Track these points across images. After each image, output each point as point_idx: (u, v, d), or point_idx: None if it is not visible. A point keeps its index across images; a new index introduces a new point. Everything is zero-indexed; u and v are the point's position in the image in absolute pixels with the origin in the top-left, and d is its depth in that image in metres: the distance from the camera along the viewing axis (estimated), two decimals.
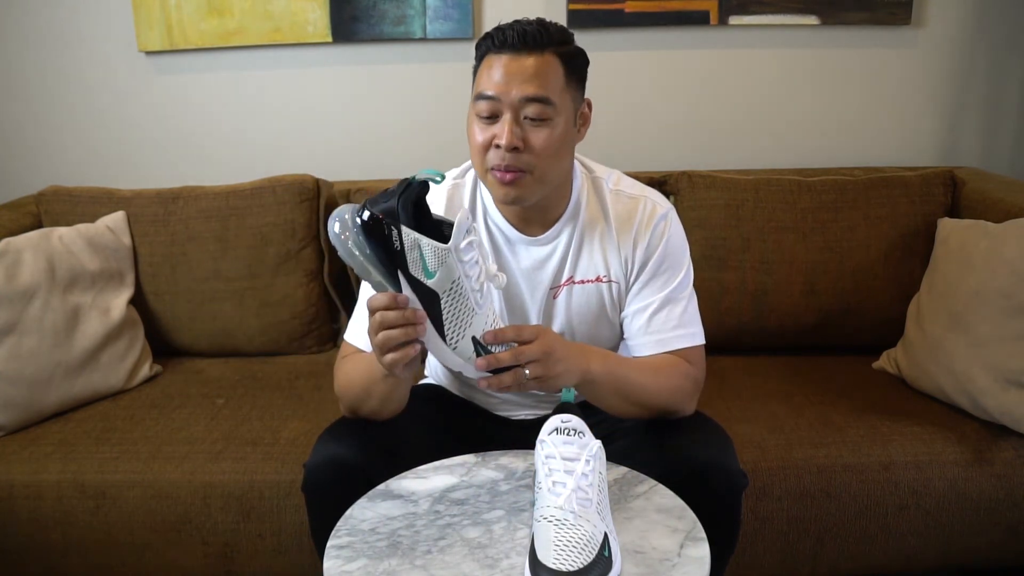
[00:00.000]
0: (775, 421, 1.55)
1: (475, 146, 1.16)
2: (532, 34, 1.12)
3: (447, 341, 1.01)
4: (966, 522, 1.47)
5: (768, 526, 1.46)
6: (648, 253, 1.24)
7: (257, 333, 1.90)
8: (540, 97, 1.12)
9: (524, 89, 1.11)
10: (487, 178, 1.17)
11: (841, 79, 2.11)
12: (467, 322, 1.00)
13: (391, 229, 0.97)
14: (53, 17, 2.08)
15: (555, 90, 1.13)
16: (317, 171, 1.96)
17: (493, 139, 1.13)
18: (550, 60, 1.13)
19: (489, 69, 1.13)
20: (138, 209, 1.89)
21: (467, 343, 1.01)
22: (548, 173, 1.16)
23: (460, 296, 0.99)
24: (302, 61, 2.11)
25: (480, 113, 1.14)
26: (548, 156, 1.14)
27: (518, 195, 1.16)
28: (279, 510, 1.45)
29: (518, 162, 1.13)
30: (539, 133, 1.13)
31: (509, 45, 1.12)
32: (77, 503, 1.46)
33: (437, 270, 0.97)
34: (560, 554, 0.88)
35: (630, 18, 2.05)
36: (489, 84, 1.13)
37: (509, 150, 1.12)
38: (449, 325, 1.00)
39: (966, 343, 1.54)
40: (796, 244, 1.81)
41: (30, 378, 1.60)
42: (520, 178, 1.14)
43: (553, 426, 0.99)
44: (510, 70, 1.12)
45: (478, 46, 1.17)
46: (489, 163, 1.15)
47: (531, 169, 1.14)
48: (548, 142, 1.13)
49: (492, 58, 1.13)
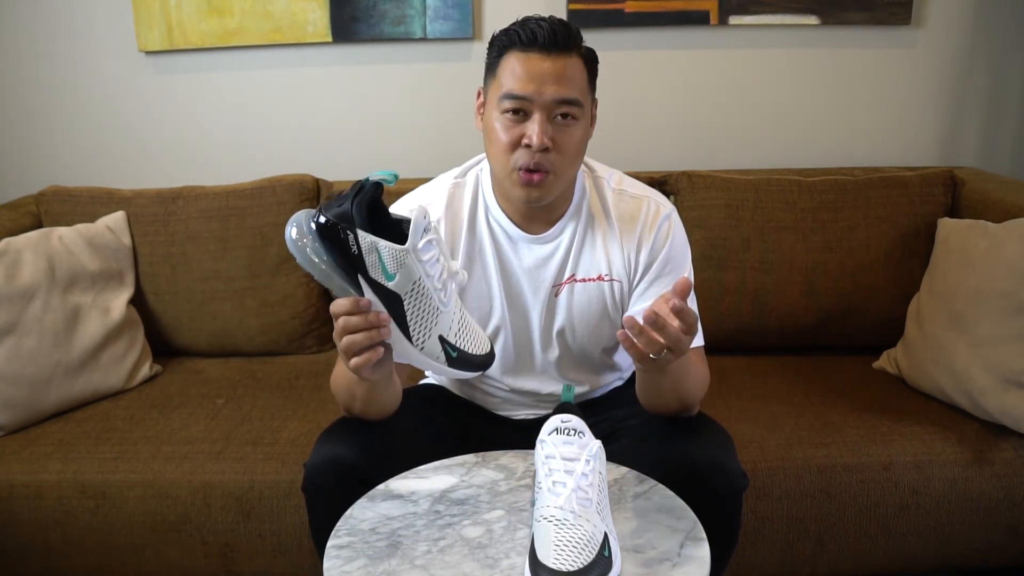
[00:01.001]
0: (775, 421, 1.55)
1: (500, 144, 1.15)
2: (562, 34, 1.11)
3: (413, 342, 0.99)
4: (966, 522, 1.47)
5: (768, 526, 1.46)
6: (653, 254, 1.24)
7: (257, 333, 1.90)
8: (572, 99, 1.12)
9: (559, 91, 1.11)
10: (511, 177, 1.16)
11: (841, 79, 2.11)
12: (432, 321, 0.99)
13: (347, 233, 0.95)
14: (53, 17, 2.08)
15: (582, 91, 1.14)
16: (317, 171, 1.96)
17: (521, 138, 1.13)
18: (576, 60, 1.14)
19: (517, 67, 1.12)
20: (138, 209, 1.89)
21: (434, 343, 1.00)
22: (568, 172, 1.17)
23: (423, 296, 0.97)
24: (302, 61, 2.11)
25: (506, 109, 1.13)
26: (572, 156, 1.15)
27: (541, 195, 1.16)
28: (279, 510, 1.45)
29: (546, 161, 1.13)
30: (568, 133, 1.14)
31: (539, 44, 1.11)
32: (77, 503, 1.46)
33: (396, 272, 0.96)
34: (560, 554, 0.88)
35: (630, 18, 2.05)
36: (518, 83, 1.12)
37: (540, 150, 1.12)
38: (414, 326, 0.99)
39: (966, 343, 1.54)
40: (796, 244, 1.81)
41: (30, 378, 1.60)
42: (545, 179, 1.14)
43: (553, 426, 0.99)
44: (542, 70, 1.11)
45: (495, 41, 1.16)
46: (515, 162, 1.14)
47: (556, 169, 1.14)
48: (575, 143, 1.15)
49: (519, 55, 1.12)
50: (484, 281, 1.26)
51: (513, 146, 1.14)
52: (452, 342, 1.00)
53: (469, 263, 1.25)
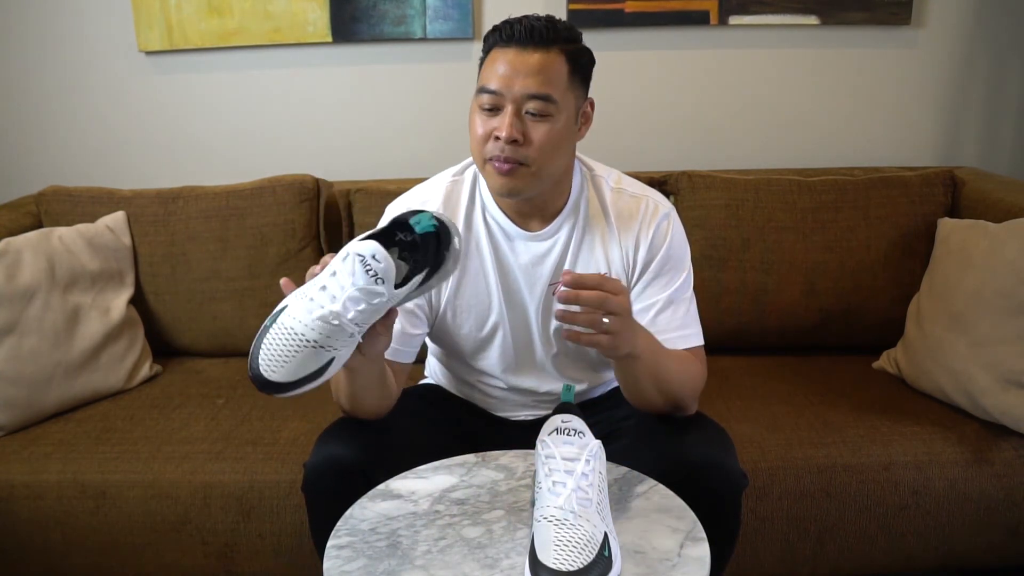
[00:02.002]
0: (775, 421, 1.55)
1: (475, 137, 1.16)
2: (539, 30, 1.12)
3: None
4: (966, 522, 1.47)
5: (768, 526, 1.46)
6: (651, 253, 1.24)
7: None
8: (541, 95, 1.12)
9: (527, 85, 1.12)
10: (485, 169, 1.18)
11: (841, 79, 2.11)
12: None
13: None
14: (53, 17, 2.08)
15: (558, 87, 1.14)
16: (317, 171, 1.96)
17: (493, 131, 1.14)
18: (555, 57, 1.13)
19: (494, 63, 1.14)
20: (138, 209, 1.89)
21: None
22: (545, 168, 1.17)
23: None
24: (302, 61, 2.11)
25: (482, 105, 1.15)
26: (547, 151, 1.15)
27: (514, 187, 1.16)
28: (279, 510, 1.45)
29: (516, 154, 1.14)
30: (539, 128, 1.14)
31: (516, 39, 1.13)
32: (77, 503, 1.46)
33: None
34: (560, 554, 0.88)
35: (630, 18, 2.05)
36: (492, 78, 1.13)
37: (508, 143, 1.12)
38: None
39: (966, 343, 1.54)
40: (796, 244, 1.81)
41: (30, 378, 1.60)
42: (517, 170, 1.15)
43: (553, 426, 0.99)
44: (515, 65, 1.12)
45: (486, 39, 1.18)
46: (487, 153, 1.15)
47: (529, 162, 1.14)
48: (547, 137, 1.14)
49: (498, 52, 1.14)
50: (482, 277, 1.26)
51: (486, 138, 1.15)
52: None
53: (466, 259, 1.25)
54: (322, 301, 0.95)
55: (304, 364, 0.96)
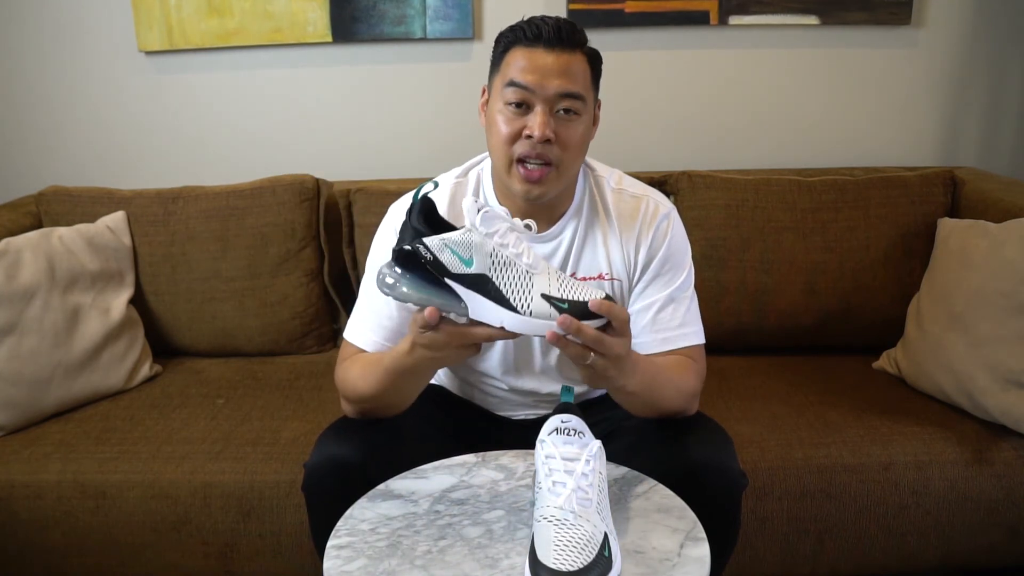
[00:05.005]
0: (775, 421, 1.55)
1: (500, 136, 1.15)
2: (567, 31, 1.13)
3: (520, 310, 0.99)
4: (966, 522, 1.47)
5: (768, 526, 1.46)
6: (652, 252, 1.24)
7: (257, 333, 1.90)
8: (575, 93, 1.13)
9: (562, 84, 1.13)
10: (511, 170, 1.17)
11: (841, 79, 2.11)
12: (528, 284, 0.99)
13: (417, 247, 0.97)
14: (53, 17, 2.08)
15: (585, 88, 1.15)
16: (317, 171, 1.96)
17: (522, 130, 1.14)
18: (580, 58, 1.15)
19: (520, 60, 1.14)
20: (138, 209, 1.89)
21: (540, 303, 0.99)
22: (570, 168, 1.18)
23: (507, 266, 0.98)
24: (302, 61, 2.11)
25: (509, 100, 1.14)
26: (574, 151, 1.16)
27: (542, 192, 1.17)
28: (279, 510, 1.45)
29: (548, 153, 1.14)
30: (569, 127, 1.15)
31: (544, 40, 1.13)
32: (77, 503, 1.46)
33: (471, 255, 0.97)
34: (560, 554, 0.88)
35: (630, 18, 2.05)
36: (522, 74, 1.13)
37: (541, 141, 1.12)
38: (513, 296, 0.98)
39: (966, 343, 1.54)
40: (796, 244, 1.81)
41: (30, 378, 1.60)
42: (547, 173, 1.15)
43: (553, 426, 0.99)
44: (546, 64, 1.12)
45: (501, 37, 1.18)
46: (516, 153, 1.15)
47: (558, 163, 1.15)
48: (578, 137, 1.15)
49: (523, 51, 1.14)
50: None
51: (514, 137, 1.15)
52: (557, 296, 0.99)
53: None
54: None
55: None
